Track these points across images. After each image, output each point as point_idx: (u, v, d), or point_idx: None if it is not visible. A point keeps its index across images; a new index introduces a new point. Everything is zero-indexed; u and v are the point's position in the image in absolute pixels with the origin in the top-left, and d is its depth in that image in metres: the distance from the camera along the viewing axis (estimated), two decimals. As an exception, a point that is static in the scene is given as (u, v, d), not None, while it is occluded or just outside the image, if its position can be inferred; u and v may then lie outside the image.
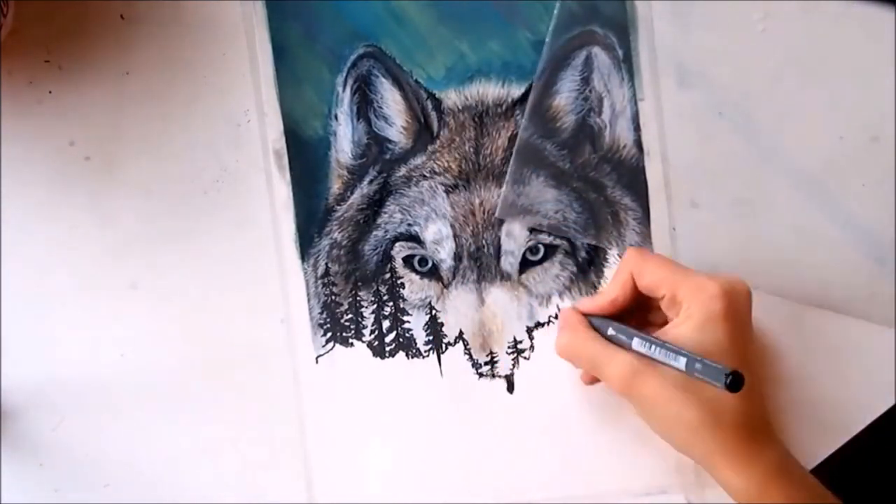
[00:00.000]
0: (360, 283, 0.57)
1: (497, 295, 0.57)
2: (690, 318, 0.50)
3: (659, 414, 0.51)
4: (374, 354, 0.57)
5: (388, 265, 0.57)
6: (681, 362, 0.48)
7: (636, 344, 0.50)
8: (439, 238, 0.57)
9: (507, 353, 0.57)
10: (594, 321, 0.54)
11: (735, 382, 0.45)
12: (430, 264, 0.57)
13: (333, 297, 0.57)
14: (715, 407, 0.49)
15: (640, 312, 0.54)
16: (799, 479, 0.51)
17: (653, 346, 0.50)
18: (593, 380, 0.55)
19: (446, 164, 0.57)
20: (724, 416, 0.50)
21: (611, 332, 0.53)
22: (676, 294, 0.51)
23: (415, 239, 0.57)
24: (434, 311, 0.58)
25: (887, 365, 0.56)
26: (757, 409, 0.51)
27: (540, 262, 0.57)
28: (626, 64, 0.57)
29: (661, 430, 0.52)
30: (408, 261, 0.58)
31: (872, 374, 0.56)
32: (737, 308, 0.51)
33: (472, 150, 0.57)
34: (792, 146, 0.57)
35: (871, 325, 0.56)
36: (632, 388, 0.50)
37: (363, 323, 0.57)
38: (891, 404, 0.56)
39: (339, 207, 0.57)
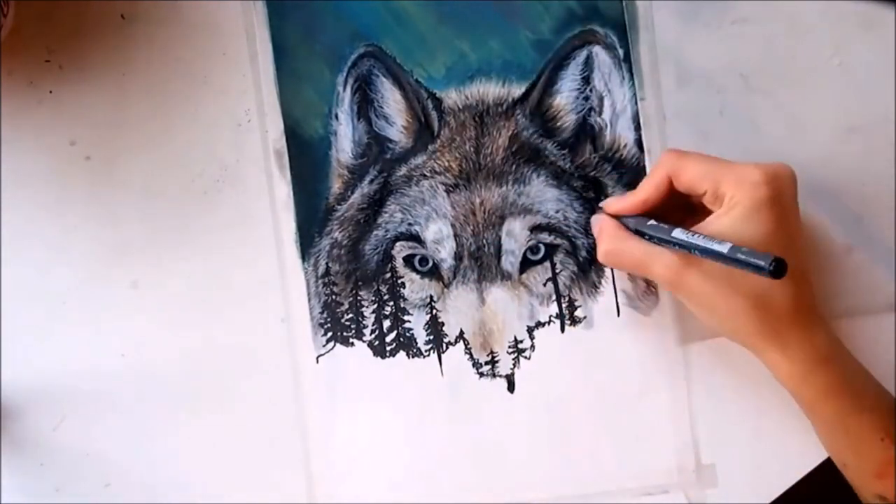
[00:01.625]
0: (360, 283, 0.57)
1: (498, 294, 0.57)
2: (734, 208, 0.50)
3: (706, 305, 0.51)
4: (374, 354, 0.57)
5: (389, 265, 0.57)
6: (724, 247, 0.47)
7: (677, 234, 0.50)
8: (440, 237, 0.57)
9: (507, 352, 0.57)
10: (629, 222, 0.53)
11: (778, 269, 0.45)
12: (430, 264, 0.57)
13: (334, 297, 0.57)
14: (761, 293, 0.49)
15: (667, 214, 0.53)
16: (845, 364, 0.51)
17: (694, 236, 0.49)
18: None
19: (447, 164, 0.57)
20: (771, 302, 0.49)
21: (650, 230, 0.52)
22: (719, 187, 0.51)
23: (415, 238, 0.57)
24: (435, 311, 0.57)
25: (887, 363, 0.56)
26: (804, 294, 0.51)
27: (540, 261, 0.57)
28: (627, 63, 0.57)
29: (709, 321, 0.52)
30: (408, 260, 0.57)
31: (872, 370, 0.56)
32: (782, 193, 0.50)
33: (472, 149, 0.57)
34: (792, 145, 0.57)
35: (871, 326, 0.56)
36: (680, 282, 0.50)
37: (364, 322, 0.57)
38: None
39: (339, 207, 0.57)
